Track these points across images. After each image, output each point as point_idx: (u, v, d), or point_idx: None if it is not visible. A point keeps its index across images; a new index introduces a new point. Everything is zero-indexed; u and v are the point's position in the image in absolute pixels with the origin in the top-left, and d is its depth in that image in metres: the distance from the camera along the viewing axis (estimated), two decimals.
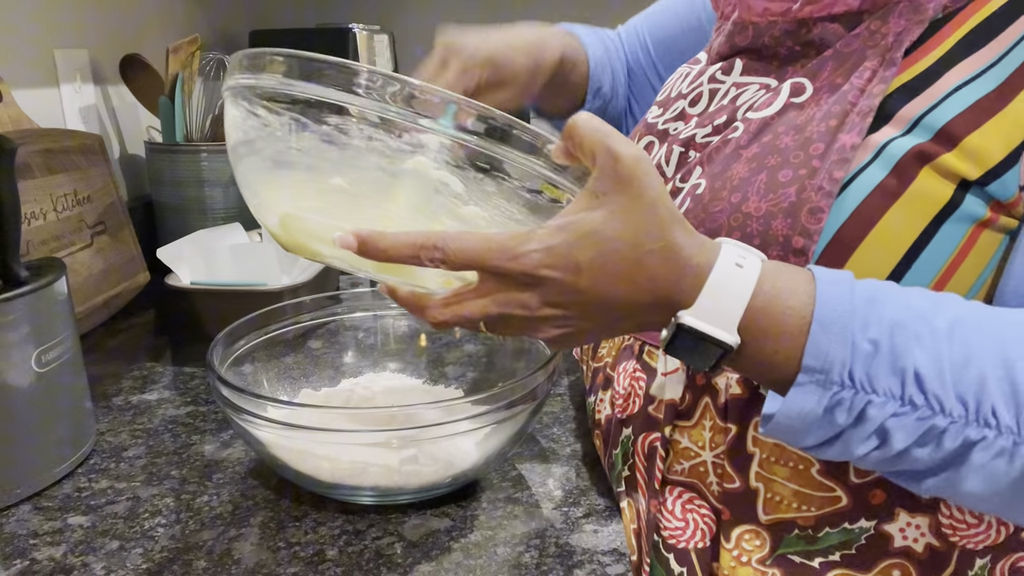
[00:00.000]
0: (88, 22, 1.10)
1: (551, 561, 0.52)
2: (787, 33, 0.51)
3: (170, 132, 1.12)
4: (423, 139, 0.39)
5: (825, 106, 0.46)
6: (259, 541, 0.54)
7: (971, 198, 0.43)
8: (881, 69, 0.45)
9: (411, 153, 0.39)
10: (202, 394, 0.77)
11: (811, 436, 0.38)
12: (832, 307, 0.37)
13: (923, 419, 0.36)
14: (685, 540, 0.50)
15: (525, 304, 0.39)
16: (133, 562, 0.52)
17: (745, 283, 0.38)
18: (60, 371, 0.61)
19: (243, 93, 0.42)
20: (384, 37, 1.48)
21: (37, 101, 0.99)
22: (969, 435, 0.36)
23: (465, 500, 0.59)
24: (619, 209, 0.37)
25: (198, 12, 1.44)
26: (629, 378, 0.57)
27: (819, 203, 0.43)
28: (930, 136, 0.43)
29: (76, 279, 0.88)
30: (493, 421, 0.55)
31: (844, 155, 0.43)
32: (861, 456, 0.38)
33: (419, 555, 0.53)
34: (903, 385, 0.36)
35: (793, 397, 0.37)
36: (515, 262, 0.37)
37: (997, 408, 0.36)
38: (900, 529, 0.46)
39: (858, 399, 0.37)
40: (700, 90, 0.56)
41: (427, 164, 0.39)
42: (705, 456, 0.50)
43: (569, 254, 0.37)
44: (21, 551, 0.53)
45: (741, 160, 0.48)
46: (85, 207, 0.92)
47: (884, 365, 0.36)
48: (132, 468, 0.63)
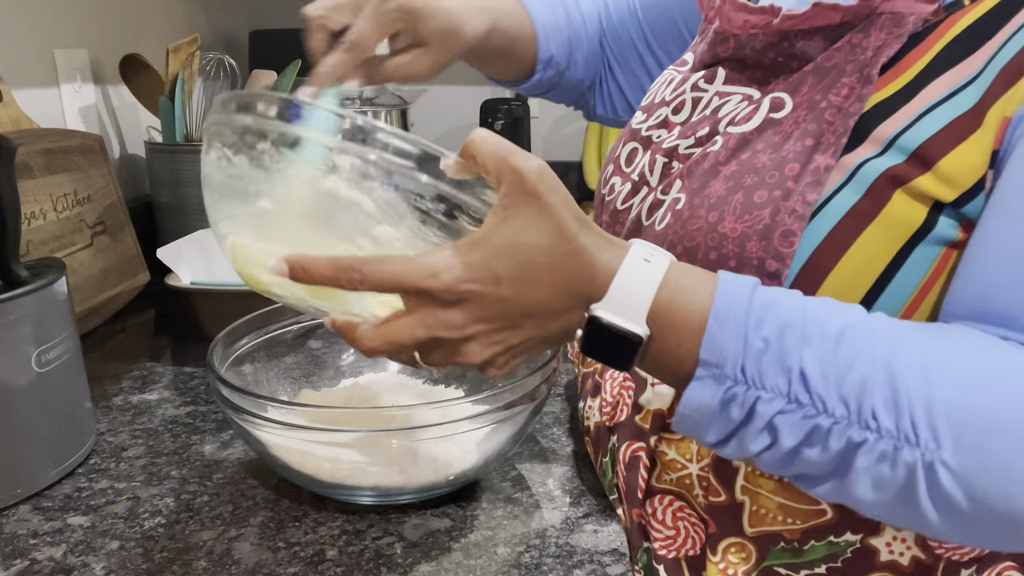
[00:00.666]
0: (88, 22, 1.10)
1: (551, 561, 0.52)
2: (768, 46, 0.50)
3: (170, 132, 1.12)
4: (336, 160, 0.40)
5: (803, 124, 0.45)
6: (259, 541, 0.54)
7: (944, 220, 0.42)
8: (858, 86, 0.44)
9: (325, 174, 0.40)
10: (202, 394, 0.77)
11: (712, 431, 0.39)
12: (729, 303, 0.38)
13: (808, 417, 0.37)
14: (676, 549, 0.50)
15: (452, 323, 0.39)
16: (133, 562, 0.52)
17: (652, 277, 0.39)
18: (60, 371, 0.61)
19: (207, 132, 0.45)
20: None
21: (37, 101, 0.99)
22: (852, 436, 0.36)
23: (465, 500, 0.59)
24: (530, 219, 0.38)
25: (198, 12, 1.44)
26: (618, 386, 0.57)
27: (791, 226, 0.43)
28: (905, 157, 0.42)
29: (76, 279, 0.88)
30: (493, 421, 0.55)
31: (818, 177, 0.43)
32: (756, 454, 0.39)
33: (419, 555, 0.53)
34: (789, 383, 0.37)
35: (692, 390, 0.38)
36: (435, 279, 0.38)
37: (877, 411, 0.36)
38: (886, 543, 0.46)
39: (749, 394, 0.37)
40: (683, 98, 0.55)
41: (339, 184, 0.40)
42: (692, 469, 0.50)
43: (487, 267, 0.38)
44: (21, 551, 0.53)
45: (720, 177, 0.48)
46: (85, 207, 0.92)
47: (773, 362, 0.37)
48: (132, 468, 0.63)
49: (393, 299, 0.42)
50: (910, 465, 0.36)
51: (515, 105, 1.62)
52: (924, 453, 0.36)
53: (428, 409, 0.55)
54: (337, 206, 0.41)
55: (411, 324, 0.39)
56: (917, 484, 0.36)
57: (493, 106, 1.61)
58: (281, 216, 0.43)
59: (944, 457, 0.35)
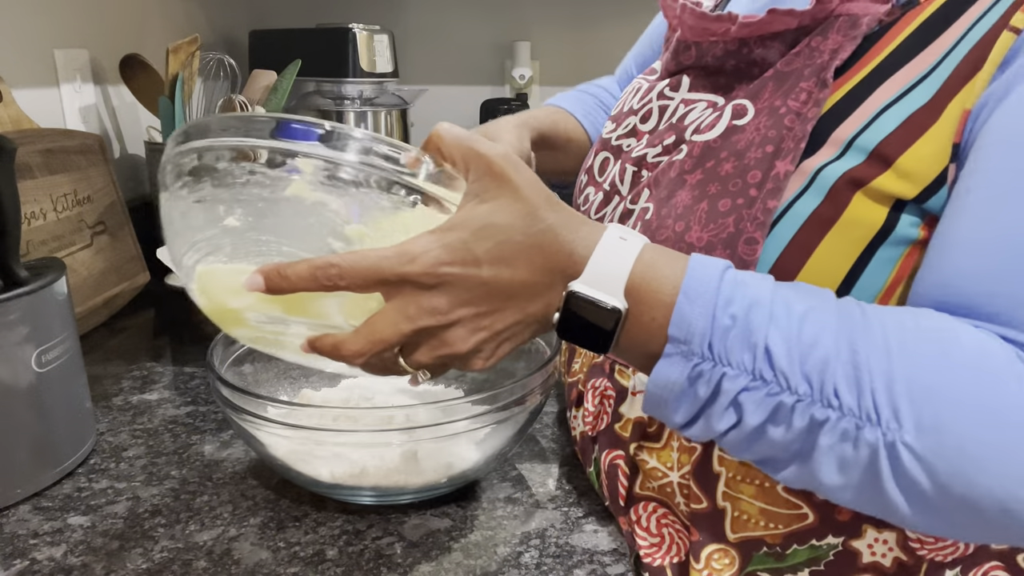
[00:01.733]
0: (88, 22, 1.10)
1: (551, 561, 0.52)
2: (728, 53, 0.50)
3: (170, 132, 1.12)
4: (299, 164, 0.40)
5: (763, 130, 0.45)
6: (259, 541, 0.54)
7: (905, 218, 0.42)
8: (816, 90, 0.44)
9: (288, 180, 0.40)
10: (202, 394, 0.77)
11: (680, 411, 0.39)
12: (699, 280, 0.38)
13: (772, 395, 0.37)
14: (661, 556, 0.50)
15: (435, 309, 0.39)
16: (133, 562, 0.52)
17: (628, 254, 0.40)
18: (60, 371, 0.61)
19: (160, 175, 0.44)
20: (384, 37, 1.48)
21: (37, 101, 0.99)
22: (815, 414, 0.36)
23: (465, 500, 0.59)
24: (502, 201, 0.39)
25: (198, 12, 1.44)
26: (600, 396, 0.57)
27: (754, 234, 0.43)
28: (864, 158, 0.42)
29: (76, 279, 0.88)
30: (493, 421, 0.56)
31: (778, 183, 0.43)
32: (722, 432, 0.39)
33: (419, 555, 0.53)
34: (754, 359, 0.37)
35: (661, 367, 0.39)
36: (414, 264, 0.38)
37: (839, 388, 0.36)
38: (868, 545, 0.46)
39: (715, 371, 0.38)
40: (650, 107, 0.56)
41: (304, 187, 0.40)
42: (672, 477, 0.50)
43: (466, 248, 0.38)
44: (21, 551, 0.53)
45: (685, 186, 0.48)
46: (85, 207, 0.92)
47: (739, 339, 0.37)
48: (132, 468, 0.63)
49: (371, 305, 0.41)
50: (872, 445, 0.36)
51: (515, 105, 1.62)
52: (886, 433, 0.35)
53: (428, 409, 0.55)
54: (304, 210, 0.41)
55: (393, 318, 0.39)
56: (880, 465, 0.36)
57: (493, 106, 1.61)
58: (250, 231, 0.42)
59: (905, 438, 0.35)
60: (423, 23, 1.72)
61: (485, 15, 1.71)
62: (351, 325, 0.41)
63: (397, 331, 0.39)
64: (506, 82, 1.74)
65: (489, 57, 1.74)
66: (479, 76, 1.76)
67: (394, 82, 1.54)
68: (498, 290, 0.39)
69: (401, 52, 1.67)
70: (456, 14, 1.71)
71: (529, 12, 1.70)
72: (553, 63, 1.73)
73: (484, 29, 1.72)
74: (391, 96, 1.55)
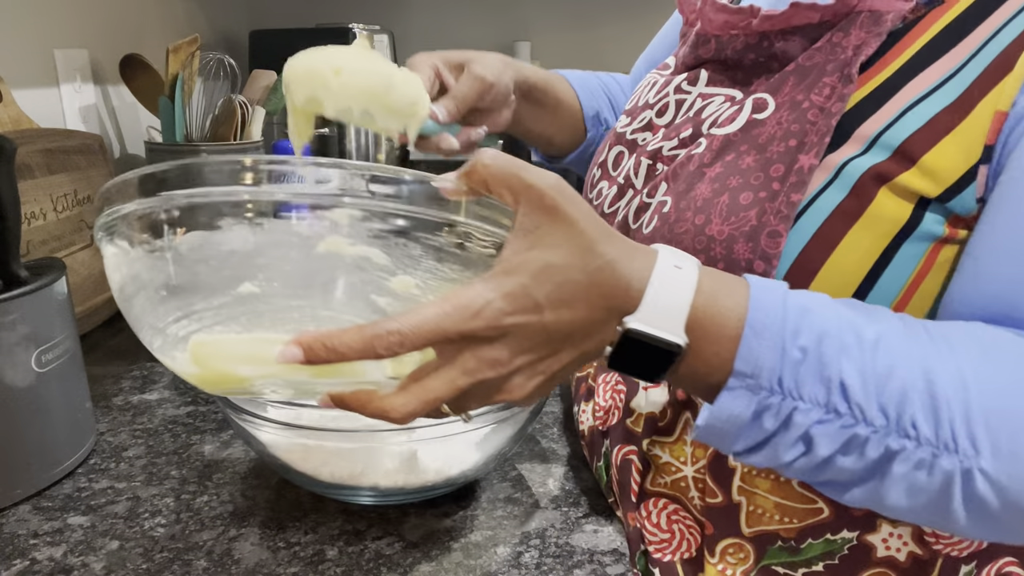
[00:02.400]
0: (88, 22, 1.10)
1: (551, 561, 0.52)
2: (749, 46, 0.50)
3: (170, 132, 1.12)
4: (332, 216, 0.35)
5: (785, 124, 0.45)
6: (259, 541, 0.54)
7: (930, 216, 0.42)
8: (840, 85, 0.44)
9: (321, 236, 0.36)
10: (202, 394, 0.77)
11: (740, 441, 0.38)
12: (765, 313, 0.37)
13: (846, 427, 0.36)
14: (671, 552, 0.50)
15: (497, 361, 0.36)
16: (133, 562, 0.52)
17: (686, 285, 0.38)
18: (60, 371, 0.61)
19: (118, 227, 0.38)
20: (384, 37, 1.48)
21: (37, 101, 0.99)
22: (890, 445, 0.36)
23: (465, 500, 0.59)
24: (558, 238, 0.36)
25: (198, 12, 1.44)
26: (611, 390, 0.57)
27: (777, 227, 0.43)
28: (888, 155, 0.42)
29: (76, 279, 0.88)
30: (493, 421, 0.55)
31: (802, 177, 0.43)
32: (788, 463, 0.38)
33: (419, 555, 0.53)
34: (828, 393, 0.36)
35: (724, 401, 0.37)
36: (478, 319, 0.35)
37: (917, 419, 0.36)
38: (883, 539, 0.46)
39: (785, 405, 0.37)
40: (667, 100, 0.56)
41: (341, 242, 0.36)
42: (686, 471, 0.50)
43: (527, 295, 0.35)
44: (21, 551, 0.53)
45: (705, 179, 0.48)
46: (85, 207, 0.92)
47: (811, 373, 0.36)
48: (132, 468, 0.63)
49: (415, 357, 0.38)
50: (948, 472, 0.36)
51: None
52: (962, 460, 0.36)
53: None
54: (343, 267, 0.37)
55: (451, 374, 0.36)
56: (953, 490, 0.36)
57: None
58: (275, 297, 0.37)
59: (982, 464, 0.35)
60: (423, 23, 1.72)
61: (485, 15, 1.71)
62: (391, 379, 0.37)
63: (453, 387, 0.36)
64: None
65: None
66: None
67: None
68: (558, 333, 0.37)
69: (401, 52, 1.67)
70: (456, 14, 1.71)
71: (529, 12, 1.70)
72: (553, 63, 1.73)
73: (484, 29, 1.72)
74: None
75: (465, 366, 0.36)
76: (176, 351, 0.38)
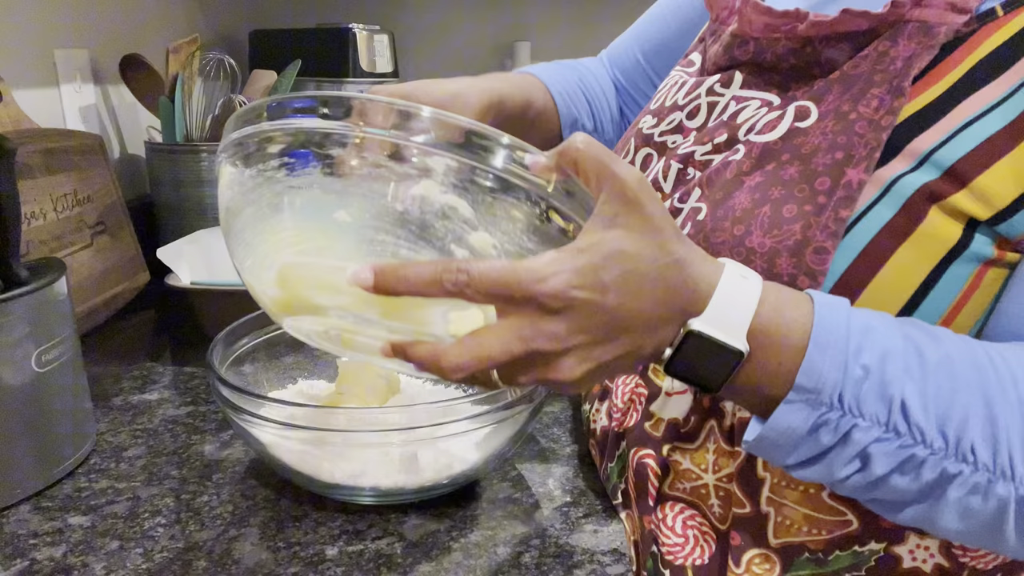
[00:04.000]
0: (88, 22, 1.10)
1: (551, 561, 0.52)
2: (791, 51, 0.48)
3: (170, 132, 1.12)
4: (429, 162, 0.37)
5: (831, 135, 0.44)
6: (259, 541, 0.54)
7: (979, 237, 0.41)
8: (889, 98, 0.43)
9: (417, 178, 0.37)
10: (202, 394, 0.77)
11: (794, 454, 0.39)
12: (829, 330, 0.37)
13: (905, 447, 0.37)
14: (683, 556, 0.50)
15: (553, 335, 0.36)
16: (133, 562, 0.52)
17: (751, 293, 0.38)
18: (60, 371, 0.61)
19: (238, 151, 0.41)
20: (384, 37, 1.48)
21: (37, 101, 0.99)
22: (947, 468, 0.37)
23: (465, 500, 0.59)
24: (634, 229, 0.37)
25: (198, 12, 1.44)
26: (630, 392, 0.56)
27: (824, 243, 0.42)
28: (939, 174, 0.41)
29: (76, 279, 0.88)
30: (493, 421, 0.55)
31: (850, 192, 0.42)
32: (842, 479, 0.39)
33: (419, 555, 0.53)
34: (889, 412, 0.37)
35: (782, 413, 0.38)
36: (544, 284, 0.35)
37: (976, 445, 0.36)
38: (910, 551, 0.46)
39: (844, 421, 0.37)
40: (698, 103, 0.54)
41: (434, 187, 0.37)
42: (707, 479, 0.50)
43: (596, 274, 0.36)
44: (21, 551, 0.53)
45: (744, 188, 0.46)
46: (85, 207, 0.92)
47: (873, 391, 0.37)
48: (132, 468, 0.63)
49: (478, 320, 0.39)
50: (1003, 499, 0.36)
51: None
52: (1019, 487, 0.36)
53: (428, 409, 0.54)
54: (431, 212, 0.38)
55: (506, 337, 0.37)
56: (1007, 516, 0.37)
57: None
58: (364, 228, 0.39)
59: None
60: (423, 23, 1.72)
61: (485, 15, 1.71)
62: (451, 336, 0.39)
63: (507, 351, 0.37)
64: None
65: (489, 57, 1.74)
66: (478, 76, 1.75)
67: (394, 82, 1.54)
68: (618, 320, 0.37)
69: (401, 52, 1.67)
70: (456, 14, 1.71)
71: (529, 12, 1.70)
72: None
73: (484, 29, 1.72)
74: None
75: (522, 332, 0.36)
76: (264, 271, 0.41)
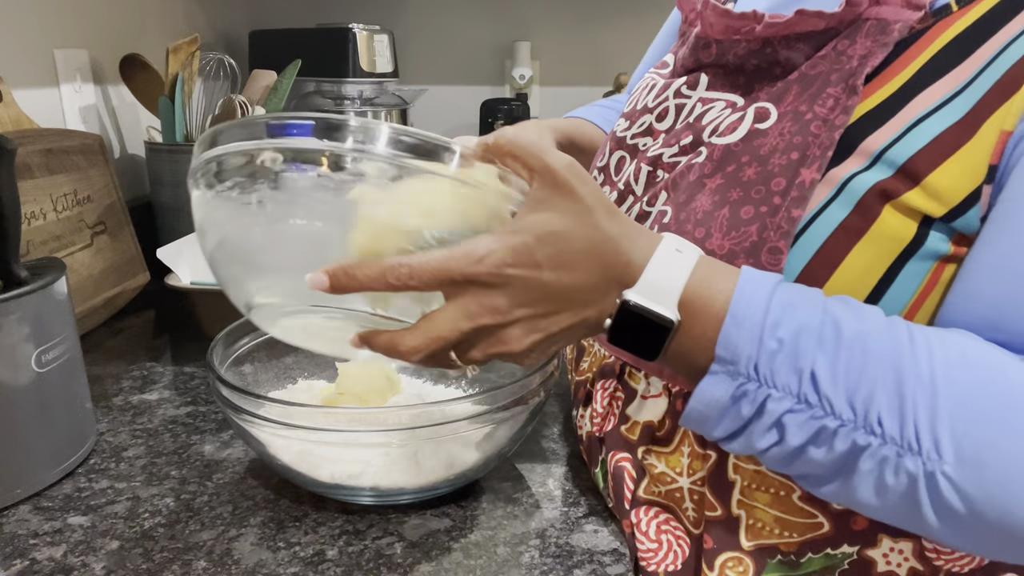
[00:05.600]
0: (88, 22, 1.10)
1: (551, 561, 0.52)
2: (751, 52, 0.49)
3: (170, 132, 1.12)
4: (361, 167, 0.41)
5: (788, 136, 0.44)
6: (259, 541, 0.54)
7: (934, 234, 0.42)
8: (844, 97, 0.43)
9: (352, 182, 0.41)
10: (202, 394, 0.77)
11: (721, 426, 0.40)
12: (748, 303, 0.39)
13: (816, 418, 0.38)
14: (656, 563, 0.50)
15: (496, 308, 0.40)
16: (133, 562, 0.52)
17: (683, 266, 0.40)
18: (60, 371, 0.61)
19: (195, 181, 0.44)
20: (384, 37, 1.48)
21: (37, 101, 0.99)
22: (856, 440, 0.37)
23: (465, 500, 0.59)
24: (564, 210, 0.40)
25: (198, 12, 1.44)
26: (608, 397, 0.56)
27: (777, 243, 0.43)
28: (892, 172, 0.41)
29: (76, 279, 0.88)
30: (493, 421, 0.55)
31: (803, 192, 0.43)
32: (763, 450, 0.40)
33: (419, 555, 0.53)
34: (800, 383, 0.38)
35: (706, 384, 0.40)
36: (480, 264, 0.39)
37: (883, 417, 0.37)
38: (883, 554, 0.46)
39: (760, 392, 0.38)
40: (666, 105, 0.55)
41: (368, 191, 0.41)
42: (682, 483, 0.50)
43: (528, 253, 0.39)
44: (21, 551, 0.53)
45: (705, 191, 0.47)
46: (85, 207, 0.92)
47: (786, 363, 0.38)
48: (132, 468, 0.63)
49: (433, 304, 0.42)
50: (912, 473, 0.37)
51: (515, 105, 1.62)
52: (926, 463, 0.36)
53: (428, 409, 0.55)
54: None
55: (454, 316, 0.40)
56: (919, 492, 0.37)
57: (493, 106, 1.61)
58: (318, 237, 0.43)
59: (945, 469, 0.36)
60: (423, 23, 1.72)
61: (485, 15, 1.71)
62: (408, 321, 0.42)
63: (456, 328, 0.40)
64: (506, 82, 1.74)
65: (489, 57, 1.74)
66: (479, 76, 1.76)
67: (394, 82, 1.54)
68: (556, 293, 0.40)
69: (401, 52, 1.67)
70: (456, 14, 1.71)
71: (529, 12, 1.70)
72: (553, 63, 1.74)
73: (484, 29, 1.72)
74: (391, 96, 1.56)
75: (468, 309, 0.40)
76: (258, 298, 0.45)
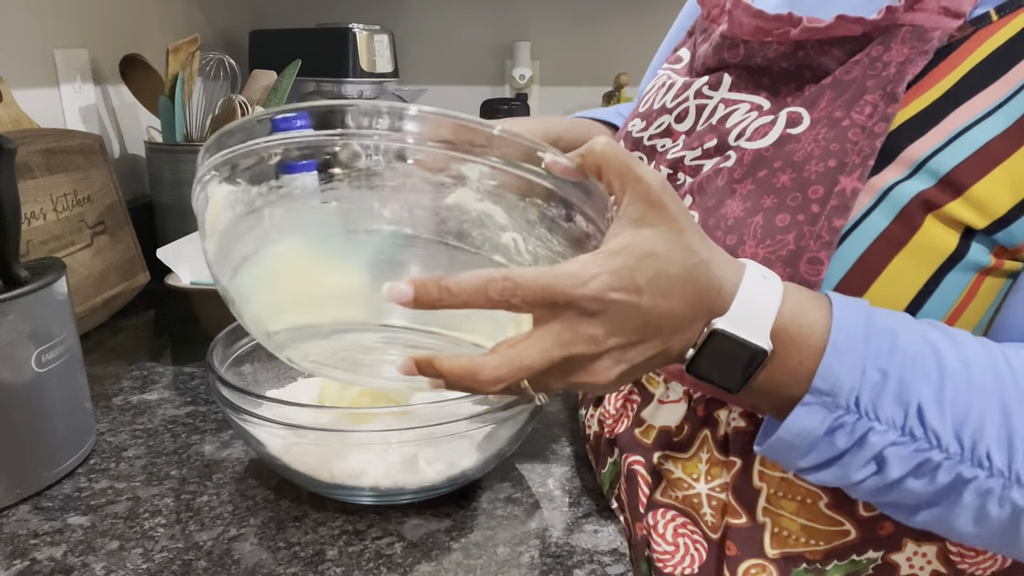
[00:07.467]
0: (88, 22, 1.10)
1: (551, 561, 0.52)
2: (782, 55, 0.48)
3: (170, 132, 1.12)
4: (463, 170, 0.37)
5: (824, 142, 0.43)
6: (259, 541, 0.54)
7: (976, 246, 0.41)
8: (883, 104, 0.42)
9: (452, 187, 0.37)
10: (202, 394, 0.77)
11: (809, 456, 0.39)
12: (847, 333, 0.38)
13: (920, 451, 0.37)
14: (673, 565, 0.49)
15: (592, 338, 0.37)
16: (133, 562, 0.52)
17: (773, 293, 0.39)
18: (60, 371, 0.61)
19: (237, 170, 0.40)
20: (384, 37, 1.48)
21: (37, 101, 0.99)
22: (962, 472, 0.37)
23: (465, 500, 0.59)
24: (661, 231, 0.38)
25: (198, 12, 1.44)
26: (622, 399, 0.56)
27: (818, 253, 0.42)
28: (935, 182, 0.41)
29: (76, 279, 0.88)
30: (493, 421, 0.55)
31: (844, 201, 0.42)
32: (858, 482, 0.39)
33: (419, 555, 0.53)
34: (906, 417, 0.37)
35: (798, 415, 0.38)
36: (585, 288, 0.36)
37: (991, 451, 0.37)
38: (907, 558, 0.46)
39: (860, 425, 0.37)
40: (686, 105, 0.53)
41: (469, 196, 0.38)
42: (699, 488, 0.49)
43: (631, 276, 0.36)
44: (21, 551, 0.53)
45: (735, 196, 0.46)
46: (85, 207, 0.92)
47: (890, 395, 0.37)
48: (132, 468, 0.63)
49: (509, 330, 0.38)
50: (1017, 504, 0.37)
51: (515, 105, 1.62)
52: None
53: (428, 409, 0.54)
54: (468, 220, 0.38)
55: (545, 344, 0.36)
56: (1021, 522, 0.37)
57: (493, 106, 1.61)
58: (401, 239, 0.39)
59: None
60: (423, 23, 1.72)
61: (485, 15, 1.71)
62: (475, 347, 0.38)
63: (547, 358, 0.36)
64: (506, 82, 1.74)
65: (489, 57, 1.74)
66: (479, 76, 1.76)
67: (394, 82, 1.54)
68: (651, 321, 0.38)
69: (401, 52, 1.67)
70: (456, 14, 1.71)
71: (529, 12, 1.70)
72: (553, 63, 1.73)
73: (484, 29, 1.72)
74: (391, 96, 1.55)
75: (561, 338, 0.36)
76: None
